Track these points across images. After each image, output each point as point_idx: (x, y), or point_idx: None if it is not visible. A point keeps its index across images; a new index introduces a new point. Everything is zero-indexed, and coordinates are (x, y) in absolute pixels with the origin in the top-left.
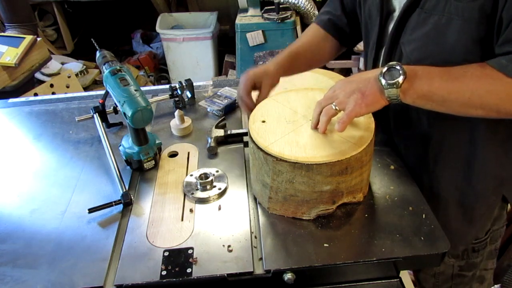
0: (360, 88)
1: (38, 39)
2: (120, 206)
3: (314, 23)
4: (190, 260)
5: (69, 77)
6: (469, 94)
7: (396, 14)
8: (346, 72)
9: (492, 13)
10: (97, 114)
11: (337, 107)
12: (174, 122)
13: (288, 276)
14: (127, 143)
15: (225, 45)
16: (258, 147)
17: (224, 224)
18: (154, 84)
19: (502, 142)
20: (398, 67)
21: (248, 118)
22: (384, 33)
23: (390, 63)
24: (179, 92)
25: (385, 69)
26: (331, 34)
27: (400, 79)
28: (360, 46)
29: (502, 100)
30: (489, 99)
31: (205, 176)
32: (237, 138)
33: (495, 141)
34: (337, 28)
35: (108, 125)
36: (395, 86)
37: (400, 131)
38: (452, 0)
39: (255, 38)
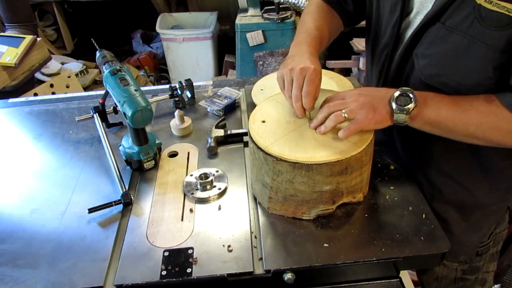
0: (373, 104)
1: (38, 39)
2: (120, 206)
3: (318, 1)
4: (190, 260)
5: (69, 77)
6: (473, 128)
7: (412, 17)
8: (346, 72)
9: None
10: (97, 114)
11: (346, 115)
12: (174, 122)
13: (288, 276)
14: (127, 143)
15: (225, 45)
16: (258, 147)
17: (224, 224)
18: (154, 84)
19: (506, 152)
20: (411, 95)
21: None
22: (399, 36)
23: (404, 88)
24: (179, 92)
25: (397, 93)
26: (336, 11)
27: (411, 106)
28: (360, 46)
29: (504, 136)
30: (491, 135)
31: (205, 176)
32: (237, 138)
33: (498, 150)
34: (341, 5)
35: (108, 125)
36: (405, 112)
37: (401, 135)
38: (477, 23)
39: (255, 38)
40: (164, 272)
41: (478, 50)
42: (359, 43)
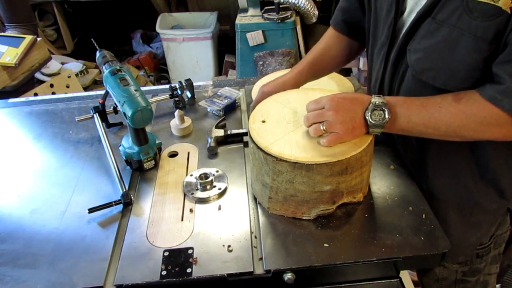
0: (351, 118)
1: (38, 39)
2: (120, 206)
3: (331, 27)
4: (190, 260)
5: (69, 77)
6: (445, 128)
7: (406, 15)
8: (346, 72)
9: (504, 33)
10: (97, 114)
11: (325, 128)
12: (174, 122)
13: (288, 276)
14: (127, 143)
15: (225, 45)
16: (258, 147)
17: (224, 224)
18: (154, 84)
19: (503, 150)
20: (385, 109)
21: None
22: (395, 36)
23: (377, 102)
24: (179, 92)
25: (371, 107)
26: (347, 35)
27: (386, 120)
28: None
29: (476, 132)
30: (462, 132)
31: (205, 176)
32: (237, 138)
33: (496, 149)
34: (352, 27)
35: (108, 125)
36: (380, 127)
37: (400, 136)
38: (465, 15)
39: (255, 38)
40: (164, 272)
41: (467, 42)
42: None
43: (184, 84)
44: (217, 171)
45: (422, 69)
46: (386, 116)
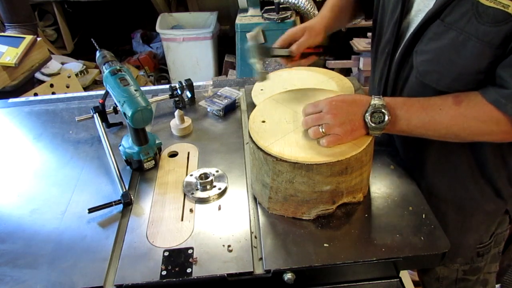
0: (350, 120)
1: (38, 39)
2: (120, 206)
3: None
4: (190, 260)
5: (69, 77)
6: (445, 131)
7: (413, 15)
8: (346, 72)
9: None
10: (97, 114)
11: (324, 131)
12: (174, 122)
13: (288, 276)
14: (127, 143)
15: (225, 45)
16: (258, 147)
17: (224, 224)
18: (154, 84)
19: (500, 151)
20: (385, 111)
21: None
22: (400, 34)
23: (377, 105)
24: (179, 92)
25: (371, 109)
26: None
27: (385, 122)
28: (360, 46)
29: (475, 136)
30: (462, 135)
31: (205, 176)
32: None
33: (493, 149)
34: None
35: (108, 125)
36: (379, 129)
37: (400, 136)
38: (474, 20)
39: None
40: (164, 272)
41: (473, 47)
42: (359, 43)
43: (184, 84)
44: (217, 171)
45: (426, 72)
46: (386, 118)
